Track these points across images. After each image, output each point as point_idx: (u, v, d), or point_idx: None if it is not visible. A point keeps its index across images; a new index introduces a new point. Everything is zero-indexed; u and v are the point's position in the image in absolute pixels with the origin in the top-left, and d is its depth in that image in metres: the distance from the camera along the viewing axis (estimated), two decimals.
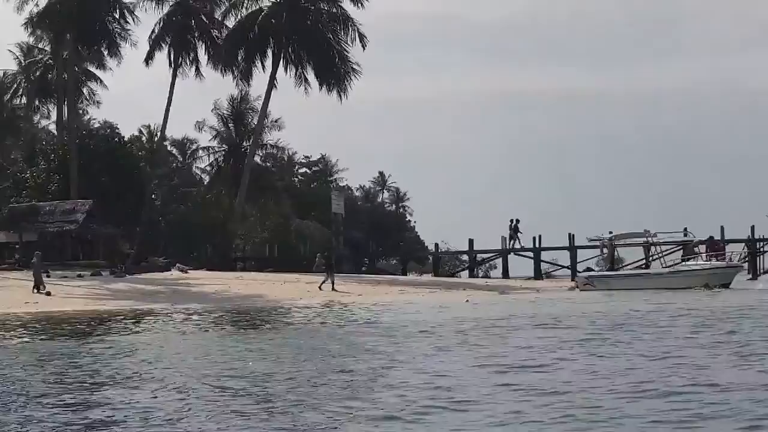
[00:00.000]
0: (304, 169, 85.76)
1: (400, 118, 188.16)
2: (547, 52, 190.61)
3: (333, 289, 42.59)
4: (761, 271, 61.22)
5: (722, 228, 62.65)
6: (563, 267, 61.31)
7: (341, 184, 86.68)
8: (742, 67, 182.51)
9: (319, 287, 42.86)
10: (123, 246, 56.98)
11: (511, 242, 65.25)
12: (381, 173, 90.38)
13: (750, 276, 60.87)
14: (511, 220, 66.62)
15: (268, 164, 71.01)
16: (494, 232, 65.31)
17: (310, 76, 54.25)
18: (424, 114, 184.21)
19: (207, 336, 21.31)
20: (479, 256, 68.33)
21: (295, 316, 28.34)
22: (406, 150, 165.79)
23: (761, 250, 65.00)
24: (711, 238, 49.14)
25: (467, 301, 35.81)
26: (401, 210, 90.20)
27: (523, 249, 63.64)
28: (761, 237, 64.63)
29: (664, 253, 47.86)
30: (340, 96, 53.01)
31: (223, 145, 66.58)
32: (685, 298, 35.19)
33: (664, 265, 47.00)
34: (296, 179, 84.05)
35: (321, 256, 53.80)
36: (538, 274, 61.82)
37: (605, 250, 48.38)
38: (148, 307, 33.22)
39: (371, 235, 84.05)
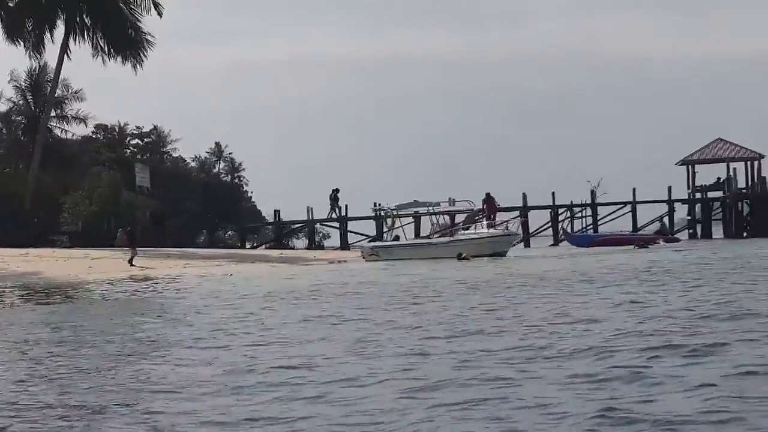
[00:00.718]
0: (136, 141, 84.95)
1: (246, 83, 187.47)
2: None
3: (131, 264, 42.55)
4: (562, 237, 62.84)
5: (524, 195, 64.28)
6: (368, 237, 62.08)
7: (174, 155, 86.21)
8: None
9: (129, 262, 42.79)
10: None
11: (331, 212, 66.01)
12: (217, 143, 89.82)
13: (552, 243, 62.65)
14: (333, 190, 67.46)
15: (73, 135, 70.20)
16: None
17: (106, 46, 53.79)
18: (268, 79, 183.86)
19: None
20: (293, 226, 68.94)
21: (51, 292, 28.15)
22: (246, 118, 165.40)
23: (576, 215, 66.70)
24: (488, 194, 49.92)
25: (231, 275, 36.18)
26: (237, 180, 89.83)
27: (330, 219, 64.41)
28: (572, 202, 66.38)
29: (439, 227, 48.71)
30: (135, 67, 52.89)
31: (20, 117, 65.56)
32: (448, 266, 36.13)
33: (445, 234, 47.87)
34: (128, 151, 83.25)
35: (123, 230, 53.59)
36: (345, 244, 62.54)
37: (389, 221, 49.17)
38: None
39: (207, 207, 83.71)
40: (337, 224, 65.24)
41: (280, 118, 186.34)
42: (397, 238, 48.96)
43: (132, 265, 42.46)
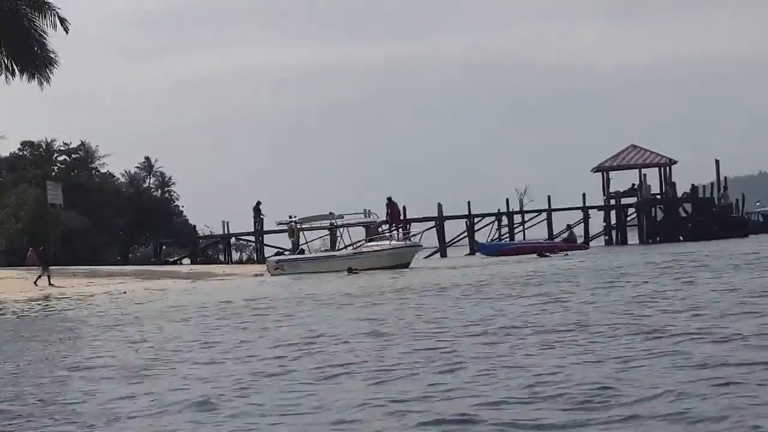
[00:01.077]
0: (63, 157, 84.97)
1: (177, 98, 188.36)
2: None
3: (50, 284, 42.85)
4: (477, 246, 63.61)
5: (439, 205, 65.17)
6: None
7: (102, 171, 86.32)
8: None
9: (35, 282, 43.05)
10: None
11: (255, 225, 66.60)
12: (147, 158, 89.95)
13: (468, 252, 63.49)
14: (257, 202, 68.12)
15: None
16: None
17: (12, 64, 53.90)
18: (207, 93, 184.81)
19: None
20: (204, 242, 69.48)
21: None
22: (177, 133, 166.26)
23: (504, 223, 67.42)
24: (389, 199, 50.53)
25: (124, 292, 36.67)
26: (168, 195, 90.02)
27: (248, 233, 65.01)
28: (499, 210, 67.20)
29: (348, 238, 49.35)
30: (41, 84, 53.11)
31: None
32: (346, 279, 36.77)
33: (349, 247, 48.44)
34: (55, 168, 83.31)
35: (34, 250, 53.82)
36: (262, 258, 63.07)
37: (293, 234, 49.72)
38: None
39: (137, 222, 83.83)
40: (252, 238, 65.80)
41: (213, 132, 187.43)
42: (302, 251, 49.54)
43: (36, 284, 42.78)
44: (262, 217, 74.37)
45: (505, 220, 67.32)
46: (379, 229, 49.48)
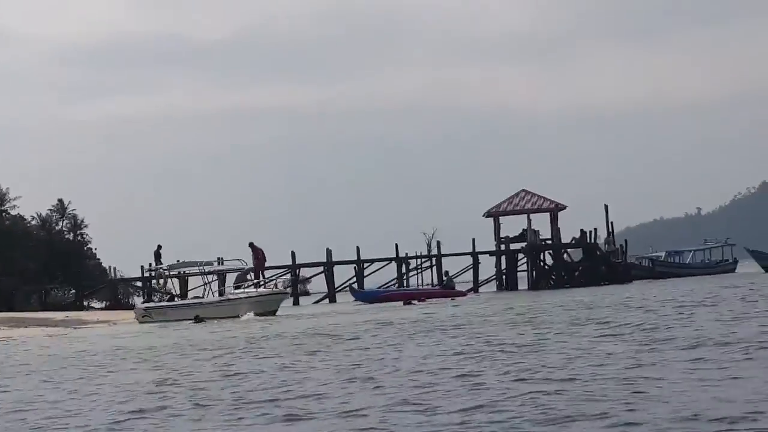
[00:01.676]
0: None
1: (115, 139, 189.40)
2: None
3: None
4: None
5: (328, 250, 65.80)
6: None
7: (13, 213, 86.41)
8: None
9: None
10: None
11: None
12: (60, 200, 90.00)
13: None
14: (157, 246, 68.50)
15: None
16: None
17: None
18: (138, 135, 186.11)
19: None
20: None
21: None
22: (90, 175, 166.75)
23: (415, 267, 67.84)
24: (251, 244, 50.81)
25: None
26: (80, 238, 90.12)
27: (133, 279, 65.48)
28: (407, 254, 67.86)
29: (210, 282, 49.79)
30: None
31: None
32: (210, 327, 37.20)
33: (215, 294, 48.84)
34: None
35: None
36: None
37: (161, 281, 50.09)
38: None
39: (48, 266, 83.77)
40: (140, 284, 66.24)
41: (127, 175, 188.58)
42: (172, 298, 49.95)
43: None
44: (161, 262, 74.82)
45: (418, 263, 67.94)
46: (249, 276, 49.89)
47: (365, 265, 66.91)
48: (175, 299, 50.24)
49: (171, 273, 50.41)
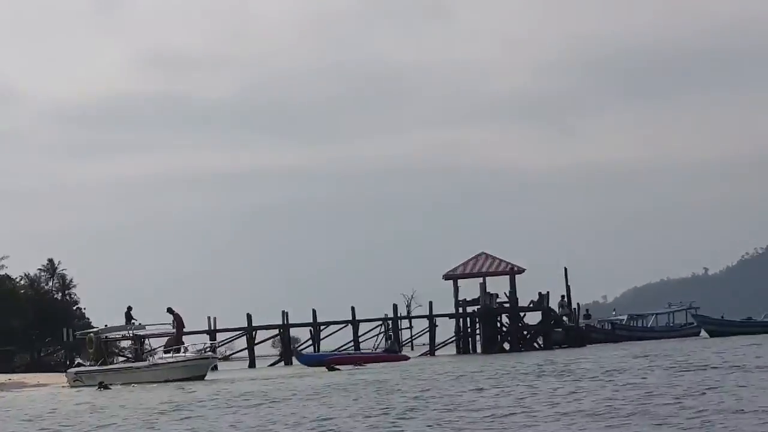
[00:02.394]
0: None
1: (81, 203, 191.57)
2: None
3: None
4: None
5: (249, 315, 65.62)
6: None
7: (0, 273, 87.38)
8: None
9: None
10: None
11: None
12: (51, 260, 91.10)
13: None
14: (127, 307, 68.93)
15: None
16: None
17: None
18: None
19: None
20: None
21: None
22: (82, 236, 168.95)
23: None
24: (169, 309, 50.55)
25: None
26: (68, 297, 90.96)
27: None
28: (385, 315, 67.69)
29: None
30: None
31: None
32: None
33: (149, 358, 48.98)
34: None
35: None
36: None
37: (93, 344, 50.09)
38: None
39: (37, 325, 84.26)
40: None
41: (118, 236, 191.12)
42: (105, 362, 50.16)
43: None
44: (133, 322, 75.17)
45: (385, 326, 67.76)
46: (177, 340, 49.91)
47: (321, 327, 66.86)
48: (108, 363, 50.56)
49: (103, 336, 50.77)
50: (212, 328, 65.49)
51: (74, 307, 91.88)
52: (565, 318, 66.68)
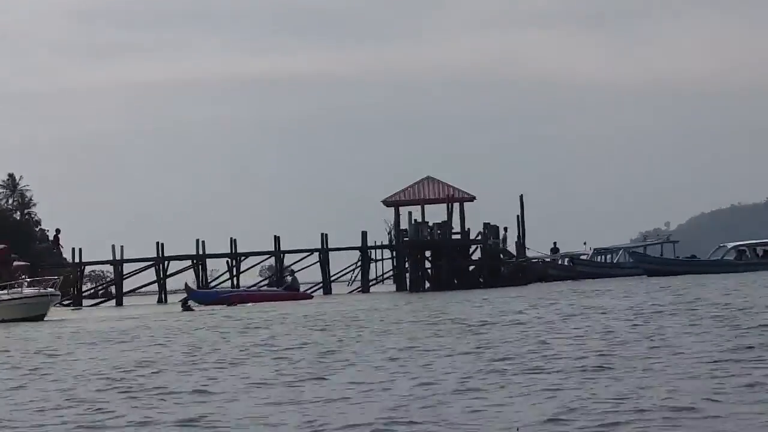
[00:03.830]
0: None
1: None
2: None
3: None
4: None
5: (200, 242, 58.58)
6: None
7: None
8: None
9: None
10: None
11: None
12: (11, 175, 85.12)
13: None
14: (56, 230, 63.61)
15: None
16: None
17: None
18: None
19: None
20: None
21: None
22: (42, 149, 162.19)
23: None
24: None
25: None
26: (27, 217, 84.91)
27: None
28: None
29: None
30: None
31: None
32: None
33: None
34: None
35: None
36: None
37: None
38: None
39: None
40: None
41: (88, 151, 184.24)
42: None
43: None
44: (61, 247, 69.51)
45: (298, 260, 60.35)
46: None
47: (242, 258, 59.62)
48: None
49: None
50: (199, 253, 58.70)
51: (37, 228, 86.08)
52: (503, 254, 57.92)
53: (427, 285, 56.63)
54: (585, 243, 65.72)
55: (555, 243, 66.07)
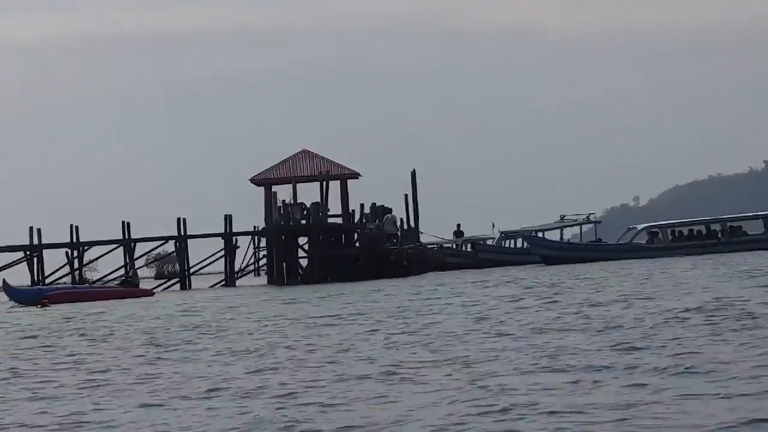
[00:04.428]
0: None
1: None
2: None
3: None
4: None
5: (33, 230, 50.05)
6: None
7: None
8: None
9: None
10: None
11: None
12: None
13: None
14: None
15: None
16: None
17: None
18: None
19: None
20: None
21: None
22: None
23: None
24: None
25: None
26: None
27: None
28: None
29: None
30: None
31: None
32: None
33: None
34: None
35: None
36: None
37: None
38: None
39: None
40: None
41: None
42: None
43: None
44: None
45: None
46: None
47: (84, 248, 51.06)
48: None
49: None
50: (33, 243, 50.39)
51: None
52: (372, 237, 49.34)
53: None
54: (493, 225, 57.09)
55: (459, 225, 57.82)
